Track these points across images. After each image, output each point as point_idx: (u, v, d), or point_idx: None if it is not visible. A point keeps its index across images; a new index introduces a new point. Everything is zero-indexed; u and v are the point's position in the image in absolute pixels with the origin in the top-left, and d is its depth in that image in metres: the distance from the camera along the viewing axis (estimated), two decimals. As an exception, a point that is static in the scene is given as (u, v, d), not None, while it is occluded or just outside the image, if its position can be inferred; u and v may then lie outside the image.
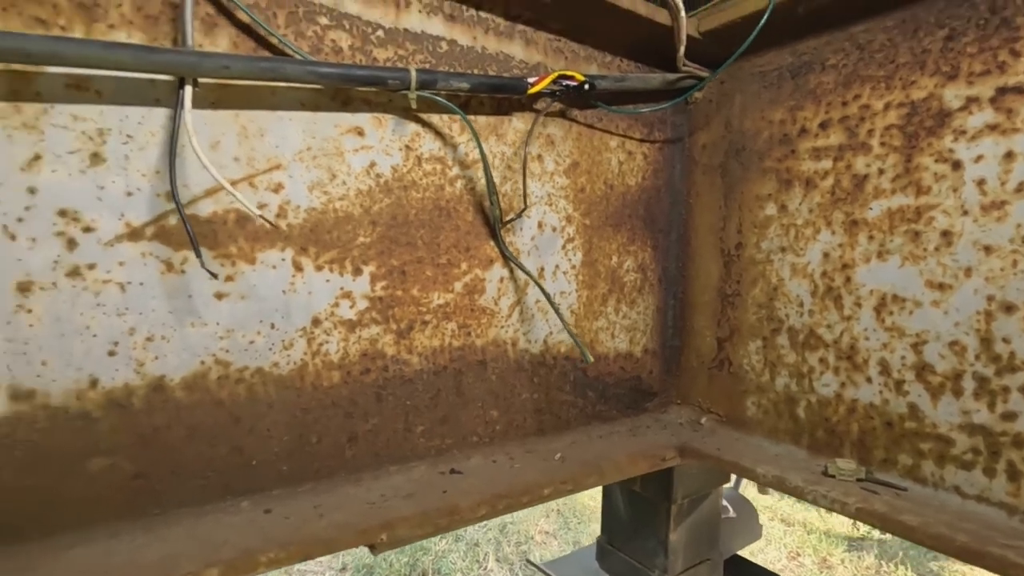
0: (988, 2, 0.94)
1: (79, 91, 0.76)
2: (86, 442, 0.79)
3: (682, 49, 1.21)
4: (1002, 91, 0.92)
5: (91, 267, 0.78)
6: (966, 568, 3.84)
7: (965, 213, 0.96)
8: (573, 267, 1.30)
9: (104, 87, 0.77)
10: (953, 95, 0.98)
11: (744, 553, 1.84)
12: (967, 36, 0.96)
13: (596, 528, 4.38)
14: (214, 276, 0.81)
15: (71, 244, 0.77)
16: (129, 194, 0.80)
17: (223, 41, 0.85)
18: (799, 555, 4.23)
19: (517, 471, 1.12)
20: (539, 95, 1.15)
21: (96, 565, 0.74)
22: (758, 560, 4.11)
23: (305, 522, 0.87)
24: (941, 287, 1.00)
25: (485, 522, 4.18)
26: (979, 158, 0.95)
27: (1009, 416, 0.92)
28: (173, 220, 0.83)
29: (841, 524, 4.60)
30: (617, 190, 1.36)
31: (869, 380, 1.10)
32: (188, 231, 0.78)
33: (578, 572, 1.87)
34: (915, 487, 1.03)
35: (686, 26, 1.18)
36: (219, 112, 0.86)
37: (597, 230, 1.33)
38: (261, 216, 0.78)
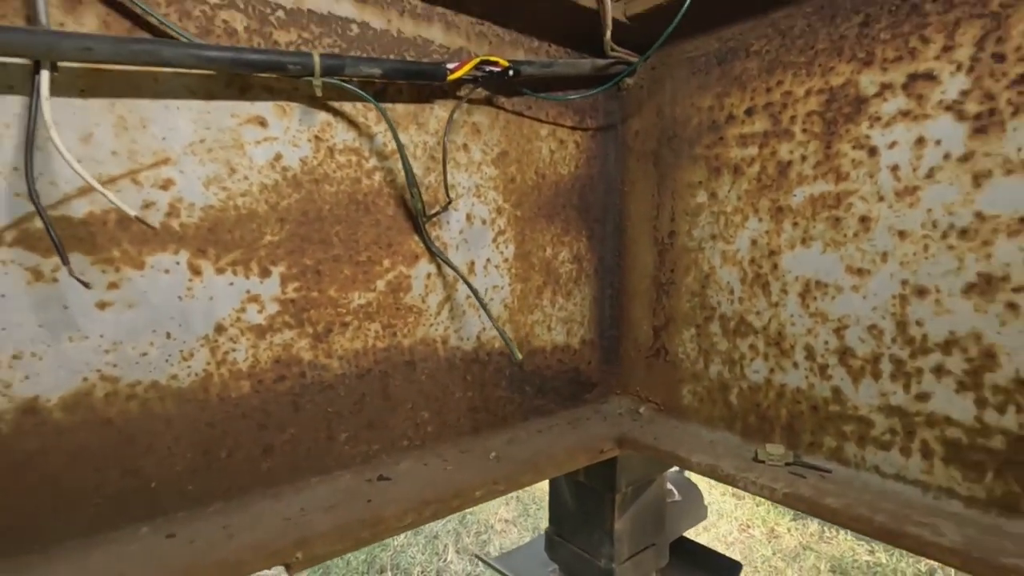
0: (899, -12, 0.95)
1: (-91, 76, 0.66)
2: (-57, 476, 0.70)
3: (608, 33, 1.18)
4: (913, 77, 0.93)
5: (-62, 279, 0.69)
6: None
7: (881, 199, 0.98)
8: (505, 260, 1.26)
9: (-59, 72, 0.67)
10: (869, 81, 0.98)
11: (694, 531, 1.87)
12: (880, 22, 0.96)
13: (555, 514, 4.41)
14: (86, 285, 0.72)
15: (-90, 253, 0.67)
16: (-19, 194, 0.71)
17: (90, 20, 0.76)
18: (749, 527, 4.41)
19: (450, 473, 1.08)
20: (461, 82, 1.10)
21: (-42, 614, 0.66)
22: (711, 534, 4.26)
23: (212, 546, 0.81)
24: (860, 272, 1.01)
25: (443, 515, 4.16)
26: (893, 144, 0.96)
27: (922, 397, 0.95)
28: (39, 223, 0.74)
29: (788, 495, 4.81)
30: (549, 179, 1.32)
31: (796, 365, 1.12)
32: (51, 234, 0.69)
33: (528, 565, 1.86)
34: (839, 469, 1.06)
35: (611, 10, 1.15)
36: (90, 101, 0.76)
37: (529, 221, 1.30)
38: (137, 217, 0.70)
